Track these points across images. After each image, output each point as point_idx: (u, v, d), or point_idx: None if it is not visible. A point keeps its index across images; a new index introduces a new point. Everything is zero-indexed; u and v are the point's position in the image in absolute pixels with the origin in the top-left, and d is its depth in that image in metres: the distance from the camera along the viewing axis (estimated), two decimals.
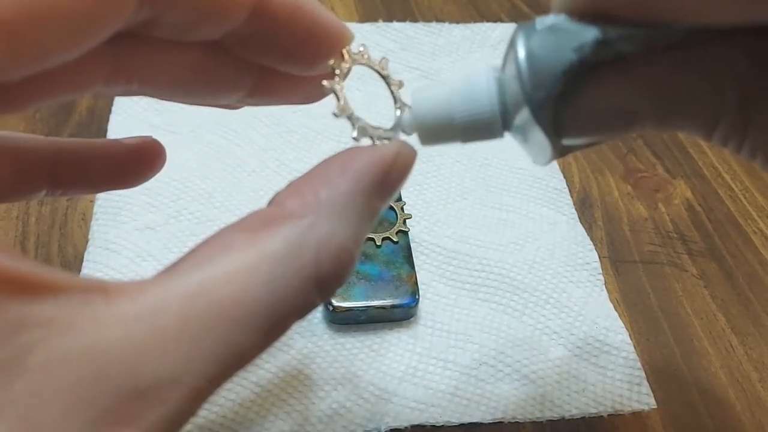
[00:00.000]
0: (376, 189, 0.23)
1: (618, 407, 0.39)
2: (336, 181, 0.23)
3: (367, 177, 0.23)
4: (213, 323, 0.20)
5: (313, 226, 0.22)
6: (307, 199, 0.22)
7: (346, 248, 0.22)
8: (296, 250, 0.21)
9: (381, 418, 0.37)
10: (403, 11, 0.65)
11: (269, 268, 0.21)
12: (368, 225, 0.23)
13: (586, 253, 0.46)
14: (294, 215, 0.22)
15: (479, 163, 0.51)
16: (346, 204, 0.22)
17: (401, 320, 0.41)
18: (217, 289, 0.20)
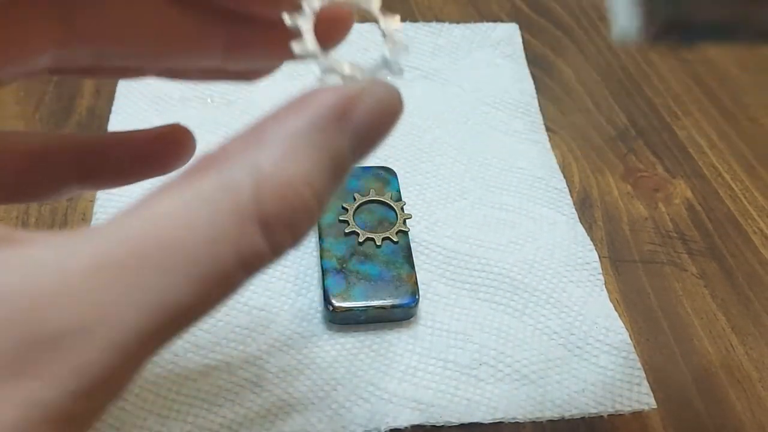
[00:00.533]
0: (335, 125, 0.20)
1: (618, 407, 0.39)
2: (286, 117, 0.20)
3: (324, 110, 0.20)
4: (132, 268, 0.18)
5: (254, 162, 0.19)
6: (250, 138, 0.20)
7: (293, 186, 0.19)
8: (232, 188, 0.19)
9: (381, 418, 0.37)
10: (403, 11, 0.65)
11: (200, 207, 0.19)
12: (330, 166, 0.20)
13: (586, 253, 0.46)
14: (235, 153, 0.20)
15: (479, 162, 0.51)
16: (296, 140, 0.20)
17: (401, 320, 0.41)
18: (138, 232, 0.18)
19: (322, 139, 0.20)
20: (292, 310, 0.41)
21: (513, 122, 0.55)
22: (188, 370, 0.38)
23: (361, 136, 0.21)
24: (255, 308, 0.41)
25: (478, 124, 0.54)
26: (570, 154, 0.54)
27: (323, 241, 0.43)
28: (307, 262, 0.44)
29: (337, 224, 0.43)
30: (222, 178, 0.19)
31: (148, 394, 0.37)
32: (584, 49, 0.64)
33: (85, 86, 0.53)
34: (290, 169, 0.19)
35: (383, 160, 0.50)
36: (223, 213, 0.19)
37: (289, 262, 0.43)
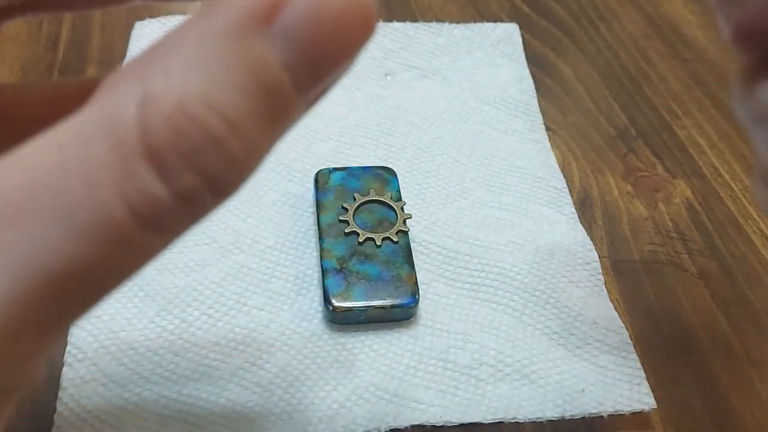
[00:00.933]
0: (254, 29, 0.15)
1: (618, 407, 0.39)
2: (190, 27, 0.16)
3: (233, 12, 0.16)
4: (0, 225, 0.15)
5: (143, 80, 0.15)
6: (145, 58, 0.16)
7: (185, 108, 0.15)
8: (113, 116, 0.15)
9: (381, 418, 0.37)
10: (403, 11, 0.65)
11: (75, 144, 0.15)
12: (249, 85, 0.16)
13: (586, 253, 0.47)
14: (126, 76, 0.16)
15: (479, 162, 0.52)
16: (197, 52, 0.15)
17: (401, 320, 0.41)
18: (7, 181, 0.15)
19: (237, 48, 0.15)
20: (292, 310, 0.41)
21: (513, 122, 0.55)
22: (189, 370, 0.38)
23: (302, 48, 0.16)
24: (254, 308, 0.41)
25: (478, 124, 0.54)
26: (570, 153, 0.55)
27: (323, 241, 0.43)
28: (306, 262, 0.44)
29: (337, 224, 0.44)
30: (103, 103, 0.15)
31: (149, 395, 0.37)
32: (584, 49, 0.64)
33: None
34: (185, 86, 0.15)
35: (383, 159, 0.50)
36: (101, 149, 0.15)
37: (289, 262, 0.44)
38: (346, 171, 0.47)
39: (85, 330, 0.39)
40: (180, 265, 0.42)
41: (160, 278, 0.41)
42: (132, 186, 0.15)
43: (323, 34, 0.16)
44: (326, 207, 0.45)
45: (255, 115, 0.16)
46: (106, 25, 0.59)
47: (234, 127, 0.15)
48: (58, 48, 0.57)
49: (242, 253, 0.44)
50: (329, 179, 0.46)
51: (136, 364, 0.38)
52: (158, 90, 0.15)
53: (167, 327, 0.40)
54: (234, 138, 0.15)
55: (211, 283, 0.42)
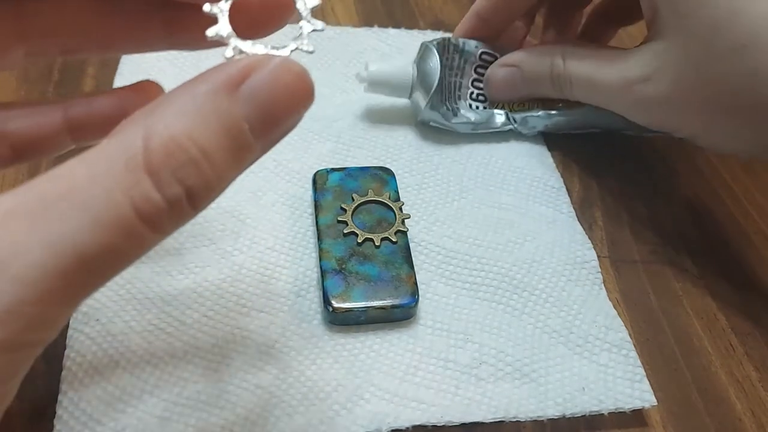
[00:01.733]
0: (227, 92, 0.23)
1: (619, 405, 0.40)
2: (185, 87, 0.23)
3: (215, 77, 0.23)
4: (38, 214, 0.21)
5: (148, 122, 0.22)
6: (152, 106, 0.23)
7: (176, 140, 0.22)
8: (127, 144, 0.22)
9: (382, 418, 0.38)
10: (403, 12, 0.66)
11: (100, 163, 0.22)
12: (220, 130, 0.23)
13: (584, 251, 0.48)
14: (137, 118, 0.23)
15: (477, 162, 0.53)
16: (188, 103, 0.23)
17: (401, 320, 0.42)
18: (46, 186, 0.22)
19: (213, 104, 0.23)
20: (292, 312, 0.42)
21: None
22: (189, 372, 0.39)
23: (259, 108, 0.23)
24: (254, 310, 0.42)
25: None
26: (570, 154, 0.55)
27: (322, 242, 0.44)
28: (305, 263, 0.44)
29: (336, 225, 0.44)
30: (120, 138, 0.22)
31: (149, 398, 0.37)
32: None
33: (86, 87, 0.54)
34: (174, 126, 0.22)
35: (381, 160, 0.51)
36: (117, 166, 0.22)
37: (288, 264, 0.44)
38: (344, 171, 0.48)
39: (84, 333, 0.39)
40: (179, 267, 0.43)
41: (159, 280, 0.42)
42: (137, 192, 0.22)
43: (272, 98, 0.23)
44: (324, 208, 0.45)
45: (222, 150, 0.23)
46: None
47: (206, 155, 0.22)
48: None
49: (241, 254, 0.44)
50: (327, 180, 0.47)
51: (135, 367, 0.38)
52: (158, 128, 0.22)
53: (166, 329, 0.40)
54: (206, 163, 0.22)
55: (211, 285, 0.42)
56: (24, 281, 0.21)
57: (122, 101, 0.34)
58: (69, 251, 0.21)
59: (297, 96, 0.24)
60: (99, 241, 0.21)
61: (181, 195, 0.22)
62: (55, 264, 0.21)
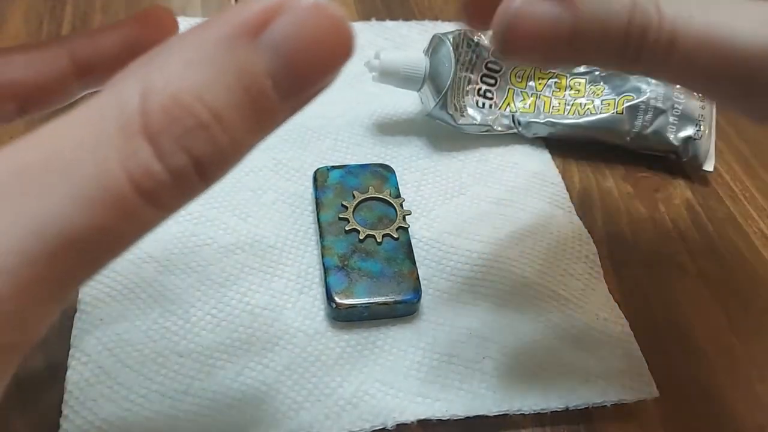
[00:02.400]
0: (245, 39, 0.19)
1: (621, 396, 0.41)
2: (193, 32, 0.19)
3: (231, 20, 0.19)
4: (14, 190, 0.18)
5: (146, 75, 0.18)
6: (151, 55, 0.19)
7: (179, 99, 0.18)
8: (120, 101, 0.18)
9: (388, 413, 0.39)
10: (403, 11, 0.68)
11: (86, 123, 0.18)
12: (236, 86, 0.19)
13: (584, 245, 0.49)
14: (133, 69, 0.19)
15: (476, 158, 0.54)
16: (195, 53, 0.19)
17: (404, 316, 0.43)
18: (23, 154, 0.18)
19: (229, 54, 0.19)
20: (295, 309, 0.43)
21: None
22: (194, 370, 0.40)
23: (286, 61, 0.19)
24: (258, 307, 0.43)
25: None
26: (570, 154, 0.56)
27: (324, 239, 0.45)
28: (308, 260, 0.46)
29: (337, 222, 0.46)
30: (112, 93, 0.19)
31: (155, 396, 0.38)
32: None
33: None
34: (177, 82, 0.18)
35: (381, 157, 0.53)
36: (108, 128, 0.18)
37: (290, 261, 0.46)
38: (344, 169, 0.49)
39: (89, 333, 0.40)
40: (182, 266, 0.44)
41: (163, 279, 0.43)
42: (134, 162, 0.18)
43: (304, 50, 0.19)
44: (326, 205, 0.47)
45: (239, 112, 0.19)
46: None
47: (219, 118, 0.18)
48: None
49: (243, 252, 0.45)
50: (328, 177, 0.48)
51: (140, 365, 0.39)
52: (157, 83, 0.18)
53: (171, 328, 0.41)
54: (219, 128, 0.19)
55: (214, 284, 0.44)
56: (6, 278, 0.17)
57: (130, 37, 0.30)
58: (54, 233, 0.17)
59: (332, 46, 0.20)
60: (89, 220, 0.18)
61: (187, 165, 0.18)
62: (38, 249, 0.17)
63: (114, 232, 0.18)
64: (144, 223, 0.19)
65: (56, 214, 0.17)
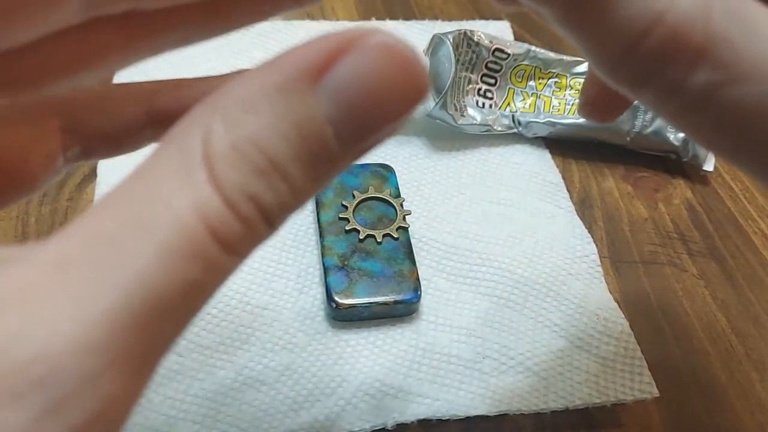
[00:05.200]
0: (304, 81, 0.17)
1: (620, 396, 0.41)
2: (253, 77, 0.18)
3: (292, 62, 0.18)
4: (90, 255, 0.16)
5: (207, 121, 0.18)
6: (212, 100, 0.18)
7: (237, 146, 0.17)
8: (185, 148, 0.17)
9: (387, 413, 0.39)
10: (403, 11, 0.68)
11: (156, 176, 0.17)
12: (294, 135, 0.17)
13: (584, 245, 0.49)
14: (196, 116, 0.18)
15: (476, 158, 0.54)
16: (257, 99, 0.17)
17: (404, 316, 0.44)
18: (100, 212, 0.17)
19: (284, 100, 0.17)
20: (295, 308, 0.43)
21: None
22: (194, 370, 0.40)
23: (347, 106, 0.18)
24: (258, 307, 0.43)
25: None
26: (570, 154, 0.57)
27: (324, 238, 0.45)
28: (308, 260, 0.46)
29: (338, 222, 0.46)
30: (177, 141, 0.18)
31: (155, 395, 0.39)
32: None
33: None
34: (239, 129, 0.17)
35: (381, 157, 0.53)
36: (178, 180, 0.17)
37: (290, 261, 0.46)
38: None
39: None
40: None
41: None
42: (207, 211, 0.17)
43: (369, 97, 0.17)
44: (326, 205, 0.47)
45: (298, 161, 0.18)
46: None
47: (278, 167, 0.17)
48: None
49: None
50: None
51: None
52: (217, 130, 0.17)
53: None
54: (278, 176, 0.17)
55: None
56: (87, 348, 0.16)
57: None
58: (140, 294, 0.16)
59: (401, 91, 0.18)
60: (176, 276, 0.16)
61: (254, 213, 0.17)
62: (127, 316, 0.16)
63: (197, 284, 0.17)
64: (224, 273, 0.18)
65: (141, 275, 0.16)
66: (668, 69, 0.19)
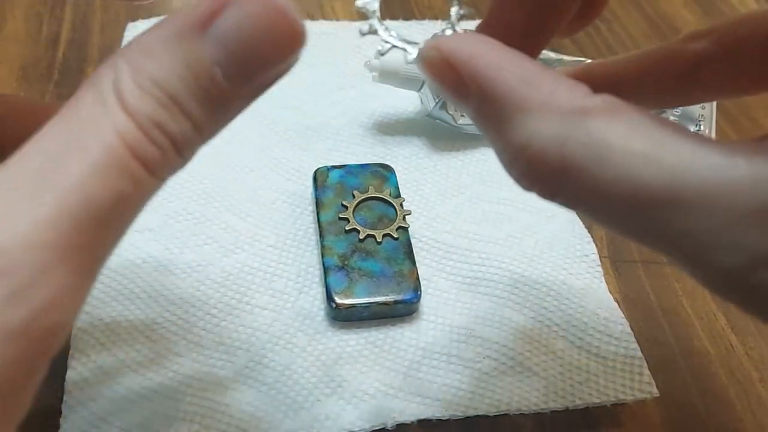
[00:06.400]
0: (193, 30, 0.21)
1: (620, 396, 0.41)
2: (152, 27, 0.22)
3: (185, 15, 0.21)
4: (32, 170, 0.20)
5: (116, 64, 0.21)
6: (120, 50, 0.22)
7: (141, 84, 0.20)
8: (101, 85, 0.21)
9: (387, 413, 0.39)
10: (404, 11, 0.68)
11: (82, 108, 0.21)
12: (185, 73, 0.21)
13: (584, 245, 0.49)
14: (106, 63, 0.21)
15: (475, 158, 0.54)
16: (155, 46, 0.21)
17: (404, 316, 0.44)
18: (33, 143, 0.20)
19: (177, 46, 0.21)
20: (295, 309, 0.43)
21: None
22: (194, 370, 0.40)
23: (232, 51, 0.21)
24: (257, 307, 0.43)
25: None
26: None
27: (324, 238, 0.45)
28: (308, 260, 0.46)
29: (338, 222, 0.46)
30: (94, 86, 0.21)
31: (154, 396, 0.38)
32: (585, 49, 0.66)
33: None
34: (144, 71, 0.20)
35: (380, 157, 0.53)
36: (98, 108, 0.20)
37: (290, 261, 0.46)
38: (344, 168, 0.49)
39: (88, 333, 0.40)
40: (182, 266, 0.44)
41: (162, 279, 0.44)
42: (127, 135, 0.20)
43: (249, 41, 0.21)
44: (326, 205, 0.47)
45: (194, 99, 0.21)
46: (106, 25, 0.61)
47: (177, 102, 0.21)
48: (58, 48, 0.59)
49: (243, 252, 0.46)
50: (328, 177, 0.49)
51: (140, 365, 0.40)
52: (124, 71, 0.21)
53: (170, 328, 0.42)
54: (179, 111, 0.21)
55: (214, 283, 0.44)
56: (38, 244, 0.19)
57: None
58: (78, 201, 0.19)
59: (279, 35, 0.21)
60: (107, 189, 0.20)
61: (163, 140, 0.21)
62: (69, 219, 0.19)
63: (125, 196, 0.20)
64: (146, 191, 0.21)
65: (79, 185, 0.19)
66: (538, 184, 0.24)
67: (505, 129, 0.23)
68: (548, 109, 0.22)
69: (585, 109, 0.22)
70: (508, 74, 0.23)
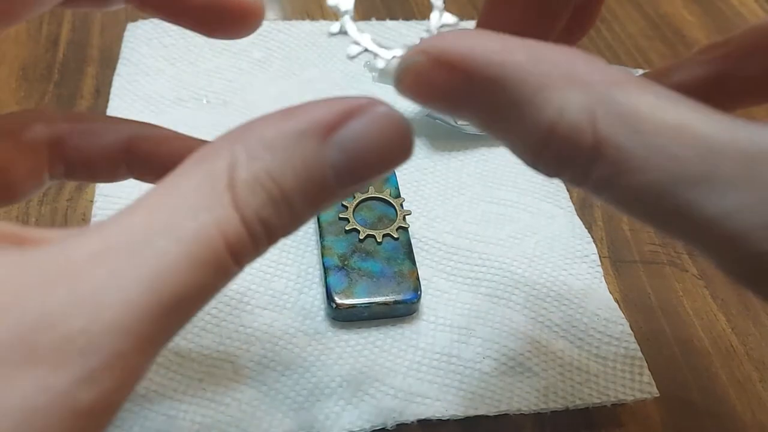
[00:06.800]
0: (318, 133, 0.21)
1: (621, 396, 0.41)
2: (273, 119, 0.22)
3: (310, 116, 0.22)
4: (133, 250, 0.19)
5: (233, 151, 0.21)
6: (236, 133, 0.22)
7: (258, 177, 0.21)
8: (212, 175, 0.21)
9: (387, 413, 0.40)
10: (403, 11, 0.68)
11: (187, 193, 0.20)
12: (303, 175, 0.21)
13: (584, 245, 0.49)
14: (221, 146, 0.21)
15: (476, 158, 0.54)
16: (276, 140, 0.21)
17: (404, 316, 0.44)
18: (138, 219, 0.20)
19: (301, 146, 0.21)
20: (295, 308, 0.43)
21: None
22: (193, 370, 0.40)
23: (350, 158, 0.22)
24: (258, 307, 0.43)
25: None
26: None
27: (324, 239, 0.45)
28: (308, 260, 0.46)
29: (337, 222, 0.46)
30: (204, 165, 0.21)
31: (155, 396, 0.39)
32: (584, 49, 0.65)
33: (85, 87, 0.56)
34: (261, 161, 0.21)
35: None
36: (206, 198, 0.20)
37: (290, 261, 0.46)
38: None
39: None
40: None
41: None
42: (227, 228, 0.20)
43: (367, 153, 0.22)
44: None
45: (302, 193, 0.22)
46: (105, 25, 0.61)
47: (286, 197, 0.21)
48: (58, 48, 0.59)
49: None
50: None
51: None
52: (242, 158, 0.21)
53: None
54: (285, 204, 0.21)
55: None
56: (122, 330, 0.19)
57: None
58: (167, 289, 0.19)
59: (393, 152, 0.22)
60: (197, 279, 0.20)
61: (262, 232, 0.21)
62: (158, 308, 0.19)
63: (209, 288, 0.21)
64: (228, 278, 0.21)
65: (169, 273, 0.19)
66: (570, 166, 0.22)
67: (526, 113, 0.22)
68: (573, 81, 0.21)
69: (612, 80, 0.21)
70: (519, 55, 0.22)
